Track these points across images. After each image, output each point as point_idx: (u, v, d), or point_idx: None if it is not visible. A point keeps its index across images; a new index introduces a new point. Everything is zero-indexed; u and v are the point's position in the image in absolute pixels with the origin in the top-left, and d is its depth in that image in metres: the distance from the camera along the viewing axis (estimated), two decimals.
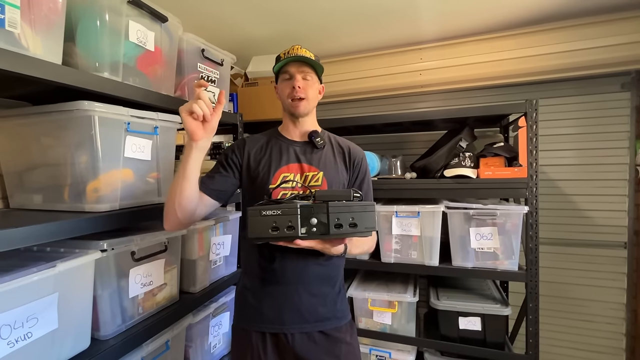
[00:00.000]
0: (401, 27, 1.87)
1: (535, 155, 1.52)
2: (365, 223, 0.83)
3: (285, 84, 1.08)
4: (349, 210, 0.82)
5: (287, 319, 1.01)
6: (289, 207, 0.82)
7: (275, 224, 0.81)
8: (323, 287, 1.05)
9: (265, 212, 0.82)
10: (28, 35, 0.80)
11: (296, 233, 0.81)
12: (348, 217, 0.82)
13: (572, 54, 1.80)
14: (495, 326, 1.61)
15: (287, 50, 1.07)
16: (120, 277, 1.04)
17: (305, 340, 1.01)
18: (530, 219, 1.54)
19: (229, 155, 1.10)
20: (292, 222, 0.81)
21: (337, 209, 0.82)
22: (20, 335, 0.75)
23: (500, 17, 1.78)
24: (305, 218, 0.82)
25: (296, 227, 0.81)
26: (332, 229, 0.82)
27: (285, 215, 0.81)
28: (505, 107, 1.64)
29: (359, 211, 0.83)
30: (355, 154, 1.14)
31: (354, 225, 0.82)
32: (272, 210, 0.82)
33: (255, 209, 0.83)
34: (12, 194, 1.10)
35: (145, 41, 1.12)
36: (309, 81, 1.07)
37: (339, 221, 0.82)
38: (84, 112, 0.94)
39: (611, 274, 1.89)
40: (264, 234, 0.82)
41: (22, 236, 0.75)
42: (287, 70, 1.07)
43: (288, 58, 1.04)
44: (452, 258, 1.65)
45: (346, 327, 1.08)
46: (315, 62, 1.07)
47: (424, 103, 2.20)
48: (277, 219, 0.81)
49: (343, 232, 0.82)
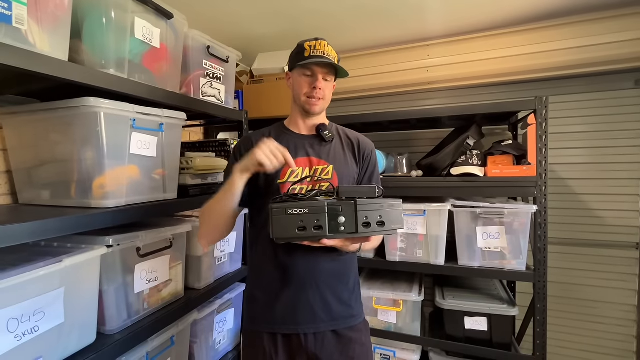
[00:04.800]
0: (407, 23, 1.84)
1: (545, 153, 1.49)
2: (393, 221, 0.80)
3: (305, 80, 1.03)
4: (378, 209, 0.79)
5: (300, 319, 0.98)
6: (316, 205, 0.78)
7: (301, 222, 0.77)
8: (336, 285, 1.02)
9: (291, 211, 0.77)
10: (35, 32, 0.81)
11: (324, 233, 0.77)
12: (376, 215, 0.78)
13: (583, 49, 1.76)
14: (502, 327, 1.59)
15: (313, 43, 1.02)
16: (126, 273, 1.05)
17: (319, 341, 0.98)
18: (539, 218, 1.51)
19: (238, 158, 1.05)
20: (320, 220, 0.77)
21: (365, 207, 0.78)
22: (27, 329, 0.76)
23: (509, 13, 1.74)
24: (332, 217, 0.78)
25: (324, 227, 0.77)
26: (360, 227, 0.78)
27: (312, 214, 0.77)
28: (515, 105, 1.61)
29: (387, 209, 0.79)
30: (365, 146, 1.11)
31: (381, 224, 0.79)
32: (299, 208, 0.77)
33: (280, 207, 0.78)
34: (21, 190, 1.12)
35: (150, 38, 1.12)
36: (328, 82, 1.05)
37: (367, 220, 0.78)
38: (90, 109, 0.94)
39: (622, 275, 1.85)
40: (289, 234, 0.78)
41: (30, 231, 0.76)
42: (310, 68, 1.02)
43: (316, 58, 0.99)
44: (459, 257, 1.63)
45: (360, 326, 1.05)
46: (342, 68, 1.03)
47: (431, 100, 2.17)
48: (304, 218, 0.77)
49: (371, 230, 0.79)
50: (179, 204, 1.27)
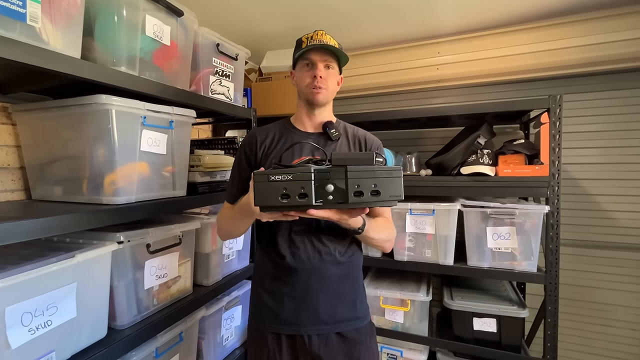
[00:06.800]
0: (418, 20, 1.82)
1: (558, 152, 1.46)
2: (389, 191, 0.71)
3: (306, 71, 1.01)
4: (372, 176, 0.71)
5: (304, 320, 0.97)
6: (301, 171, 0.71)
7: (285, 190, 0.70)
8: (341, 287, 1.00)
9: (273, 177, 0.71)
10: (48, 30, 0.81)
11: (309, 201, 0.70)
12: (370, 183, 0.71)
13: (598, 47, 1.71)
14: (511, 328, 1.57)
15: (310, 35, 1.00)
16: (136, 269, 1.06)
17: (322, 342, 0.97)
18: (551, 219, 1.48)
19: (243, 159, 1.06)
20: (305, 188, 0.70)
21: (357, 174, 0.70)
22: (40, 323, 0.77)
23: (521, 9, 1.71)
24: (320, 184, 0.71)
25: (310, 195, 0.70)
26: (351, 196, 0.70)
27: (296, 181, 0.70)
28: (527, 103, 1.57)
29: (384, 177, 0.71)
30: (371, 143, 1.09)
31: (376, 193, 0.71)
32: (282, 175, 0.70)
33: (262, 173, 0.72)
34: (34, 186, 1.14)
35: (161, 35, 1.13)
36: (330, 71, 1.01)
37: (359, 188, 0.70)
38: (102, 106, 0.95)
39: (635, 278, 1.81)
40: (271, 202, 0.71)
41: (43, 227, 0.77)
42: (308, 57, 0.99)
43: (312, 45, 0.96)
44: (468, 257, 1.62)
45: (366, 328, 1.03)
46: (340, 51, 0.99)
47: (441, 98, 2.14)
48: (287, 185, 0.70)
49: (364, 200, 0.71)
50: (188, 201, 1.28)
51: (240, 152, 1.08)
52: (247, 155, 1.05)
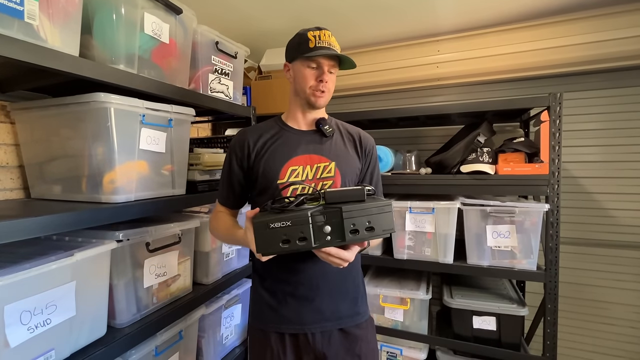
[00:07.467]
0: (417, 18, 1.81)
1: (558, 151, 1.46)
2: (382, 225, 0.76)
3: (310, 72, 0.99)
4: (366, 214, 0.75)
5: (307, 319, 0.98)
6: (299, 216, 0.74)
7: (285, 236, 0.73)
8: (343, 285, 1.01)
9: (273, 225, 0.74)
10: (46, 27, 0.81)
11: (309, 245, 0.74)
12: (364, 221, 0.75)
13: (599, 45, 1.71)
14: (511, 326, 1.57)
15: (317, 33, 0.97)
16: (135, 268, 1.05)
17: (326, 339, 0.98)
18: (550, 217, 1.48)
19: (234, 161, 1.04)
20: (304, 232, 0.74)
21: (352, 213, 0.74)
22: (39, 322, 0.77)
23: (521, 7, 1.70)
24: (317, 227, 0.75)
25: (309, 238, 0.74)
26: (348, 235, 0.74)
27: (295, 226, 0.73)
28: (527, 101, 1.57)
29: (376, 213, 0.76)
30: (366, 141, 1.09)
31: (370, 230, 0.75)
32: (281, 222, 0.73)
33: (261, 222, 0.74)
34: (33, 185, 1.13)
35: (160, 33, 1.12)
36: (332, 75, 1.02)
37: (355, 227, 0.75)
38: (101, 104, 0.95)
39: (635, 277, 1.81)
40: (273, 249, 0.75)
41: (41, 225, 0.76)
42: (317, 60, 0.98)
43: (323, 51, 0.95)
44: (467, 256, 1.61)
45: (366, 324, 1.05)
46: (350, 62, 0.99)
47: (441, 97, 2.14)
48: (287, 231, 0.73)
49: (359, 237, 0.75)
50: (188, 200, 1.28)
51: (230, 153, 1.05)
52: (238, 157, 1.03)
